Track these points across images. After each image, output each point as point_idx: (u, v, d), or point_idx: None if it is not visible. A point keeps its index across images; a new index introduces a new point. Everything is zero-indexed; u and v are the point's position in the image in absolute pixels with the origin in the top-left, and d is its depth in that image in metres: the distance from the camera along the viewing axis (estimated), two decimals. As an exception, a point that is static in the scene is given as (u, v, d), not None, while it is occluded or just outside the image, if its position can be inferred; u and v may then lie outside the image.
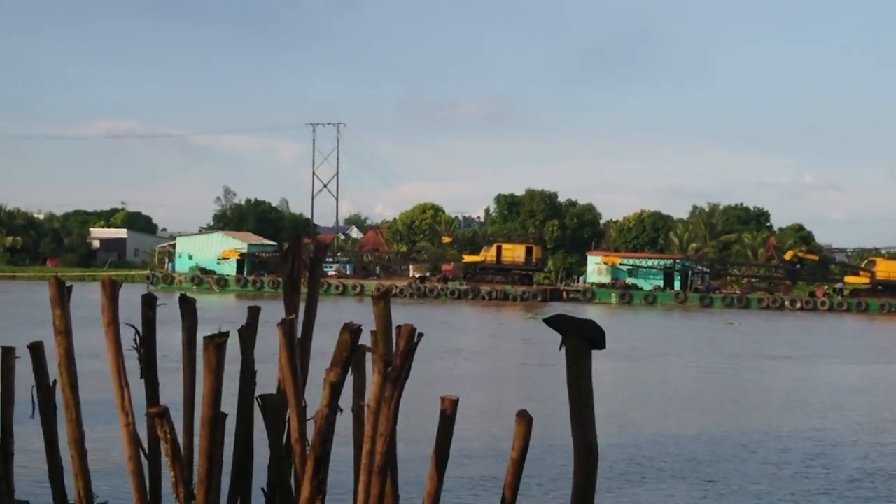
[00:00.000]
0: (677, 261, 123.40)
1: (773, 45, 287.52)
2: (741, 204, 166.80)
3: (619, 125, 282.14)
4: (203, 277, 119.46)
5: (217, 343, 9.15)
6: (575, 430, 8.73)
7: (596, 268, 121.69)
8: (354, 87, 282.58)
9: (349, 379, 9.71)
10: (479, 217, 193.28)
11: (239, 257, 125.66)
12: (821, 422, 28.96)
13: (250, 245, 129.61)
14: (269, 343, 11.44)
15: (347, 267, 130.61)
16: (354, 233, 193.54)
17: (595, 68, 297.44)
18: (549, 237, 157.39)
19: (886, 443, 25.77)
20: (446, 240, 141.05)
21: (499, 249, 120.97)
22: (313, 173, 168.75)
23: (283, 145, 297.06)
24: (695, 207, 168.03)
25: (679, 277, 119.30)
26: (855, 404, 33.20)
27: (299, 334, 10.00)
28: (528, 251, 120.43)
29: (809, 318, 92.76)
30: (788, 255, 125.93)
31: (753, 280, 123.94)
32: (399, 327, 9.12)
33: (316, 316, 10.44)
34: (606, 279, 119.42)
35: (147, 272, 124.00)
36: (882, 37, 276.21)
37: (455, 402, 9.47)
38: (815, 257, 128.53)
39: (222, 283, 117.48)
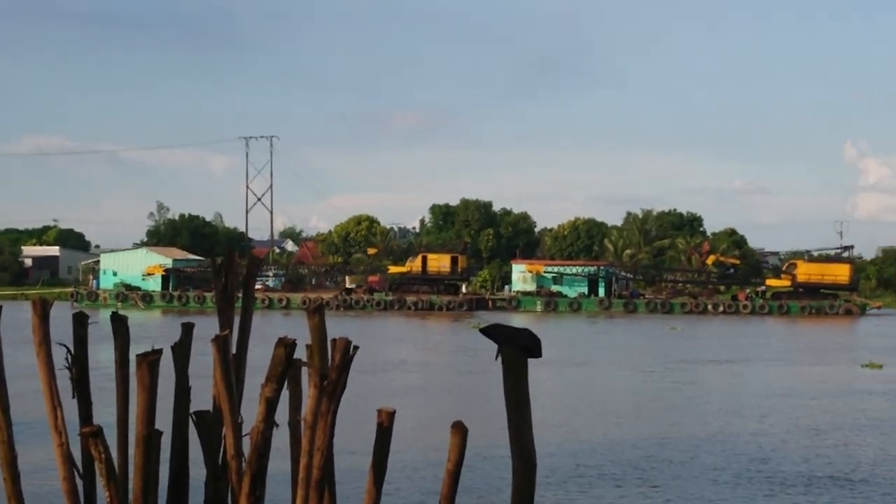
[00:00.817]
0: (601, 267, 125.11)
1: (704, 52, 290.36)
2: (674, 210, 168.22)
3: (553, 134, 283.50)
4: (128, 294, 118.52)
5: (150, 360, 9.09)
6: (513, 439, 8.78)
7: (521, 276, 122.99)
8: (287, 99, 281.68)
9: (285, 393, 9.66)
10: (414, 228, 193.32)
11: (164, 273, 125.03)
12: (759, 425, 29.29)
13: (175, 260, 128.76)
14: (202, 359, 11.38)
15: (273, 280, 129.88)
16: (290, 246, 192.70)
17: (528, 79, 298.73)
18: (485, 246, 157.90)
19: (823, 445, 26.07)
20: (372, 251, 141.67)
21: (424, 260, 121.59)
22: (247, 187, 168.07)
23: (216, 159, 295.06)
24: (628, 214, 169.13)
25: (603, 284, 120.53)
26: (792, 407, 33.54)
27: (234, 350, 9.94)
28: (454, 261, 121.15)
29: (748, 322, 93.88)
30: (710, 260, 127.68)
31: (688, 285, 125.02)
32: (334, 340, 9.10)
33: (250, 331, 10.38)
34: (531, 287, 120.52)
35: (71, 289, 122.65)
36: (809, 42, 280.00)
37: (392, 415, 9.48)
38: (737, 261, 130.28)
39: (147, 298, 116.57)
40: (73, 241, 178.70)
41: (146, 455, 9.16)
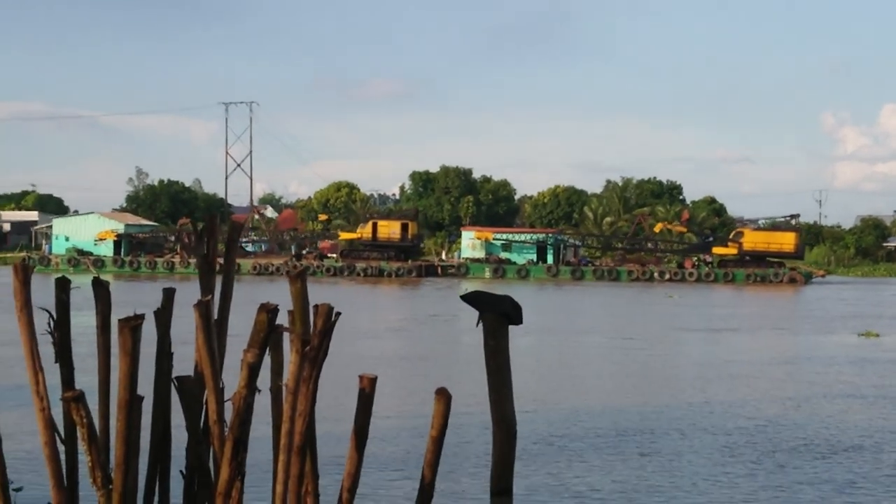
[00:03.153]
0: (549, 235, 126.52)
1: (685, 18, 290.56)
2: (654, 178, 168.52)
3: (533, 101, 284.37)
4: (80, 259, 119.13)
5: (133, 325, 9.08)
6: (493, 405, 8.88)
7: (470, 243, 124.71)
8: (267, 65, 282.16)
9: (267, 359, 9.67)
10: (394, 194, 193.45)
11: (116, 238, 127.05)
12: (755, 395, 29.26)
13: (127, 226, 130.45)
14: (181, 325, 11.32)
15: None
16: (269, 212, 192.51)
17: (508, 45, 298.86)
18: (465, 213, 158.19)
19: (820, 415, 26.09)
20: (322, 217, 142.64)
21: (374, 226, 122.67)
22: (226, 153, 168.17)
23: (196, 125, 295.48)
24: (608, 182, 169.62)
25: (552, 251, 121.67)
26: (787, 376, 33.60)
27: (215, 315, 9.94)
28: (404, 227, 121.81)
29: (735, 291, 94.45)
30: (658, 228, 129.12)
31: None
32: (316, 306, 9.13)
33: (232, 296, 10.37)
34: (481, 254, 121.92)
35: (23, 254, 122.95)
36: (790, 12, 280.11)
37: (373, 381, 9.52)
38: (685, 229, 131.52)
39: (99, 264, 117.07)
40: (52, 206, 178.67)
41: (128, 420, 9.21)
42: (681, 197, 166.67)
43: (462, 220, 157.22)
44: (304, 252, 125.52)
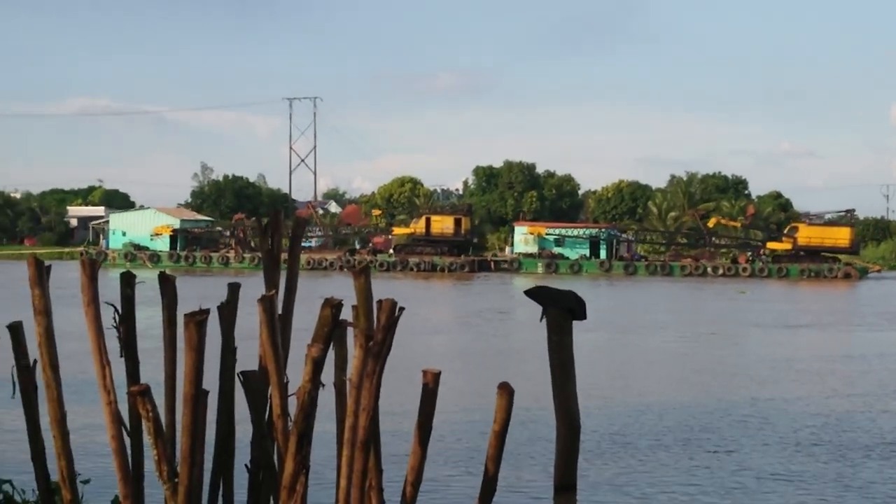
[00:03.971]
0: (602, 230, 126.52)
1: (749, 11, 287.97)
2: (719, 172, 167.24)
3: (596, 96, 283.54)
4: (136, 253, 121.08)
5: (198, 320, 9.16)
6: (557, 401, 8.88)
7: (523, 238, 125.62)
8: (330, 60, 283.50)
9: (331, 354, 9.71)
10: (457, 189, 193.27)
11: (172, 233, 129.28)
12: (819, 389, 29.01)
13: (183, 221, 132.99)
14: (245, 320, 11.39)
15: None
16: (333, 207, 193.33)
17: (572, 38, 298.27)
18: (528, 208, 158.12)
19: (885, 411, 25.85)
20: (376, 212, 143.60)
21: (428, 221, 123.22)
22: (290, 148, 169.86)
23: (260, 120, 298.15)
24: (673, 177, 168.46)
25: (605, 246, 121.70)
26: (852, 371, 33.18)
27: (279, 310, 10.00)
28: (457, 223, 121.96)
29: (819, 286, 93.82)
30: (712, 223, 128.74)
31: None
32: (380, 301, 9.16)
33: (296, 291, 10.43)
34: (533, 249, 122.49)
35: (81, 249, 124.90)
36: (858, 2, 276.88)
37: (437, 376, 9.54)
38: (738, 224, 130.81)
39: (155, 258, 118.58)
40: (119, 201, 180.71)
41: (194, 414, 9.30)
42: (746, 192, 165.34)
43: (525, 215, 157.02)
44: (358, 248, 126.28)
